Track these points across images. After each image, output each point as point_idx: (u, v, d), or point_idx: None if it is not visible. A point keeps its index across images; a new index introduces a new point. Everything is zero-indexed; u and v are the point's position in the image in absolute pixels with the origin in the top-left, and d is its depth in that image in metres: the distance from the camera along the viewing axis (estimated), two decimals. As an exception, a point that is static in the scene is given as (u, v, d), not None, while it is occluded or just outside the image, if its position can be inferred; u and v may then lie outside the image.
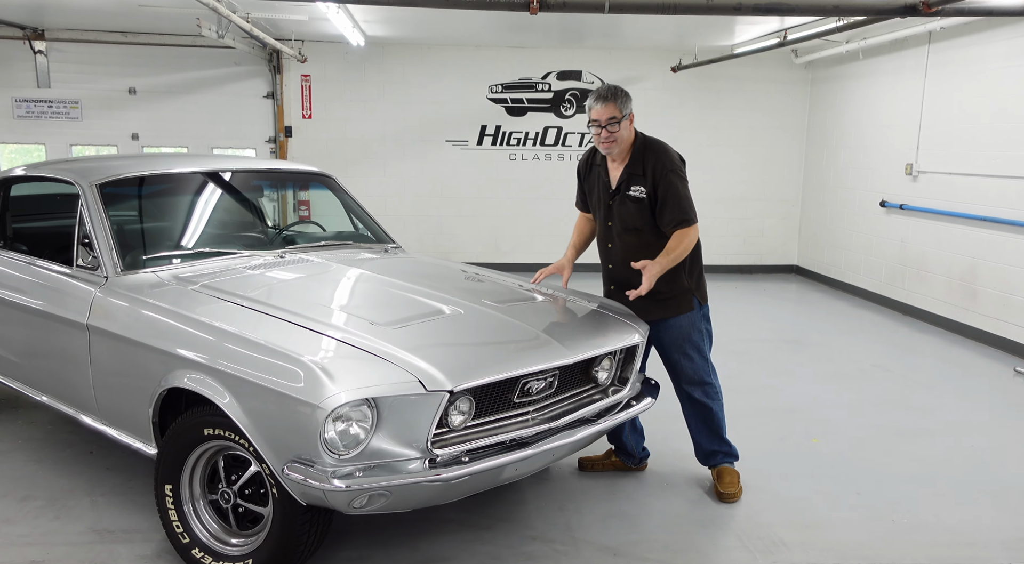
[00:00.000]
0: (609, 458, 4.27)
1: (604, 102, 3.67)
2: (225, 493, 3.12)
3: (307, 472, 2.71)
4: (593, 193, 3.99)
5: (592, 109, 3.70)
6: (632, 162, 3.78)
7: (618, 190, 3.81)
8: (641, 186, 3.74)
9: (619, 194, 3.81)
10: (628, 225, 3.82)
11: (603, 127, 3.68)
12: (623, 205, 3.81)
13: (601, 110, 3.67)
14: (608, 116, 3.67)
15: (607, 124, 3.67)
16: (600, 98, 3.68)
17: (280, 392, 2.75)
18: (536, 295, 3.92)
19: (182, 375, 3.06)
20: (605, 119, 3.67)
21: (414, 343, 3.04)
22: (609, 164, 3.87)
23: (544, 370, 3.16)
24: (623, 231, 3.84)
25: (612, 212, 3.87)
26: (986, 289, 7.15)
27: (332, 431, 2.71)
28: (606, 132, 3.69)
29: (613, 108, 3.66)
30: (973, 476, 4.33)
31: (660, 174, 3.71)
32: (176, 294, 3.43)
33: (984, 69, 7.16)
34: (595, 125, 3.71)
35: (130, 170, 4.07)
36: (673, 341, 3.92)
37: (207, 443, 3.08)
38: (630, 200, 3.78)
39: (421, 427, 2.83)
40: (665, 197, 3.71)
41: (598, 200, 3.94)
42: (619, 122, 3.67)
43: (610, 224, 3.90)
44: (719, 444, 4.07)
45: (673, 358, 3.95)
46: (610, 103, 3.66)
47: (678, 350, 3.92)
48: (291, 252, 4.14)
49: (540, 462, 3.32)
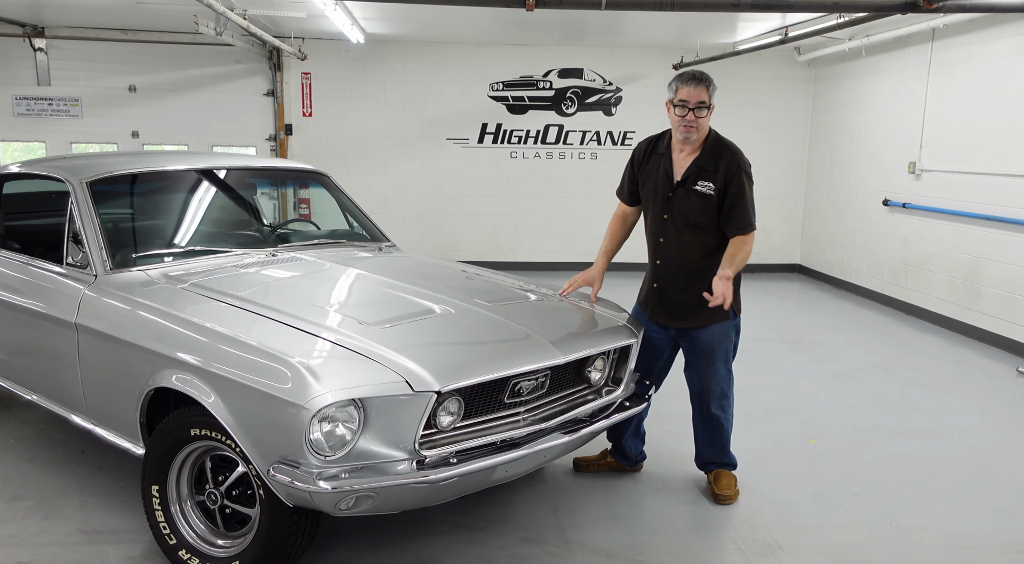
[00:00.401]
0: (605, 458, 4.22)
1: (697, 84, 3.49)
2: (212, 494, 3.09)
3: (293, 473, 2.68)
4: (649, 183, 3.76)
5: (680, 89, 3.51)
6: (704, 156, 3.61)
7: (683, 183, 3.62)
8: (710, 182, 3.58)
9: (683, 187, 3.63)
10: (689, 221, 3.64)
11: (691, 109, 3.49)
12: (687, 199, 3.62)
13: (692, 92, 3.48)
14: (698, 99, 3.48)
15: (696, 107, 3.49)
16: (693, 79, 3.50)
17: (265, 392, 2.72)
18: (529, 294, 3.88)
19: (168, 375, 3.02)
20: (695, 102, 3.48)
21: (403, 343, 3.01)
22: (676, 154, 3.67)
23: (534, 370, 3.12)
24: (683, 226, 3.65)
25: (671, 205, 3.66)
26: (989, 288, 7.09)
27: (318, 432, 2.68)
28: (692, 115, 3.50)
29: (704, 92, 3.49)
30: (973, 478, 4.28)
31: (733, 172, 3.57)
32: (165, 293, 3.40)
33: (988, 66, 7.10)
34: (682, 106, 3.50)
35: (121, 168, 4.04)
36: (703, 350, 3.79)
37: (194, 444, 3.04)
38: (696, 195, 3.60)
39: (408, 428, 2.79)
40: (735, 198, 3.57)
41: (654, 190, 3.73)
42: (707, 108, 3.52)
43: (666, 217, 3.68)
44: (721, 455, 4.01)
45: (699, 367, 3.83)
46: (702, 87, 3.49)
47: (706, 359, 3.80)
48: (283, 250, 4.11)
49: (531, 463, 3.29)
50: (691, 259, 3.68)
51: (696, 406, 3.96)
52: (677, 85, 3.54)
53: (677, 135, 3.63)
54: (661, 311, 3.81)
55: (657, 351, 3.90)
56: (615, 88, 10.37)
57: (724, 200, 3.57)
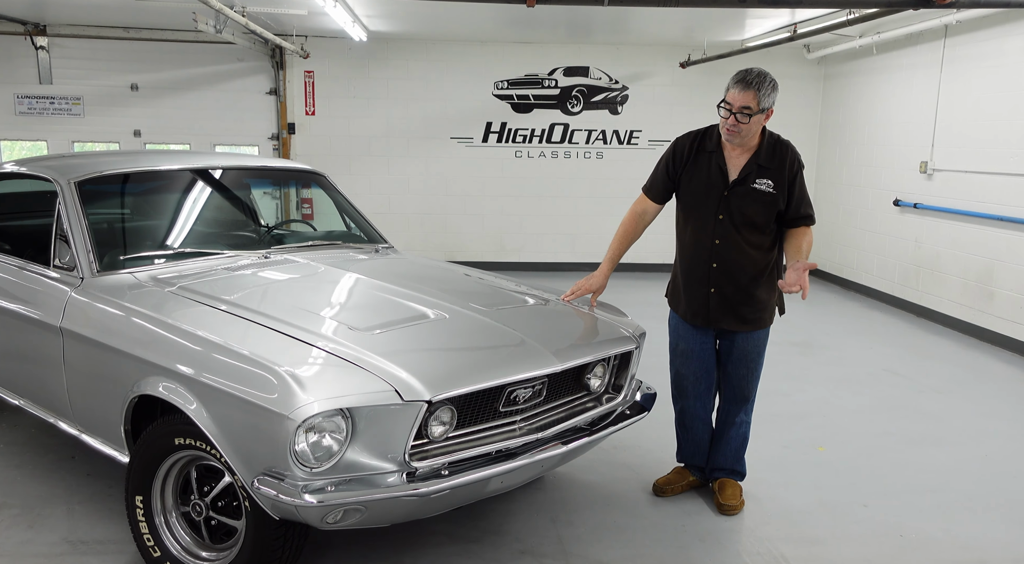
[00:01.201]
0: (687, 479, 3.99)
1: (744, 88, 3.32)
2: (197, 505, 2.99)
3: (278, 486, 2.57)
4: (697, 181, 3.57)
5: (730, 90, 3.37)
6: (762, 154, 3.48)
7: (742, 181, 3.48)
8: (770, 179, 3.46)
9: (742, 186, 3.48)
10: (747, 220, 3.49)
11: (733, 113, 3.36)
12: (747, 198, 3.48)
13: (737, 95, 3.33)
14: (742, 104, 3.33)
15: (738, 111, 3.34)
16: (741, 82, 3.33)
17: (249, 401, 2.62)
18: (528, 298, 3.77)
19: (152, 382, 2.93)
20: (738, 106, 3.34)
21: (393, 349, 2.90)
22: (729, 151, 3.52)
23: (530, 378, 3.01)
24: (741, 226, 3.50)
25: (728, 204, 3.50)
26: (1003, 291, 6.94)
27: (303, 443, 2.57)
28: (734, 119, 3.35)
29: (751, 97, 3.31)
30: (986, 488, 4.15)
31: (796, 169, 3.51)
32: (151, 296, 3.30)
33: (1002, 64, 6.95)
34: (724, 108, 3.38)
35: (111, 167, 3.95)
36: (744, 355, 3.69)
37: (179, 453, 2.95)
38: (757, 193, 3.47)
39: (398, 439, 2.69)
40: (801, 194, 3.53)
41: (705, 190, 3.54)
42: (751, 115, 3.33)
43: (722, 217, 3.51)
44: (734, 462, 3.90)
45: (739, 372, 3.73)
46: (750, 91, 3.30)
47: (745, 364, 3.71)
48: (277, 252, 4.01)
49: (528, 474, 3.18)
50: (749, 258, 3.56)
51: (724, 411, 3.85)
52: (729, 85, 3.39)
53: (722, 135, 3.49)
54: (723, 316, 3.62)
55: (710, 360, 3.78)
56: (621, 86, 10.25)
57: (791, 197, 3.50)
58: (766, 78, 3.35)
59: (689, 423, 3.90)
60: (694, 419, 3.87)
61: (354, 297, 3.51)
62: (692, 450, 3.95)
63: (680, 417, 3.94)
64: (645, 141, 10.33)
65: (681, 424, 3.94)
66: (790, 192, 3.51)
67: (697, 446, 3.93)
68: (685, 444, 3.96)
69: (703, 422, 3.88)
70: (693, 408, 3.85)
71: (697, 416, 3.86)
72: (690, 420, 3.88)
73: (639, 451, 4.47)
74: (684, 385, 3.83)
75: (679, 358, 3.82)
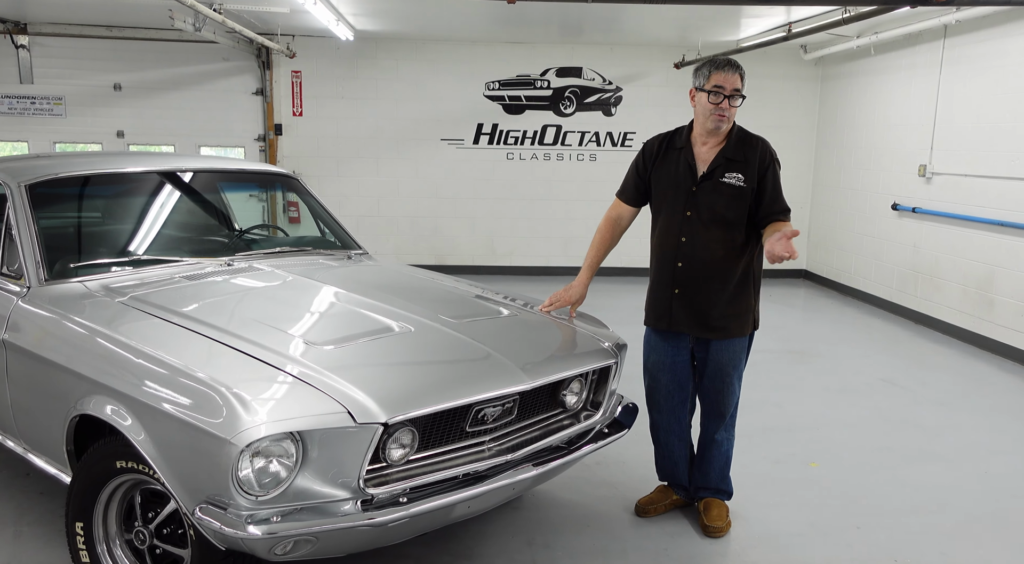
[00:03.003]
0: (670, 497, 3.81)
1: (733, 70, 3.30)
2: (141, 533, 2.80)
3: (220, 516, 2.38)
4: (666, 179, 3.49)
5: (715, 74, 3.30)
6: (731, 147, 3.39)
7: (710, 175, 3.38)
8: (740, 173, 3.36)
9: (710, 179, 3.38)
10: (716, 215, 3.37)
11: (727, 97, 3.29)
12: (715, 193, 3.37)
13: (728, 78, 3.30)
14: (734, 86, 3.30)
15: (731, 94, 3.30)
16: (729, 65, 3.31)
17: (190, 423, 2.43)
18: (502, 309, 3.57)
19: (93, 400, 2.73)
20: (731, 88, 3.29)
21: (351, 367, 2.72)
22: (698, 147, 3.43)
23: (498, 397, 2.82)
24: (710, 222, 3.38)
25: (696, 200, 3.40)
26: (1003, 298, 6.75)
27: (248, 469, 2.38)
28: (728, 102, 3.30)
29: (739, 80, 3.30)
30: (987, 508, 3.95)
31: (768, 162, 3.38)
32: (98, 307, 3.11)
33: (1003, 64, 6.75)
34: (717, 92, 3.29)
35: (65, 170, 3.75)
36: (719, 367, 3.51)
37: (121, 477, 2.76)
38: (725, 187, 3.36)
39: (352, 464, 2.50)
40: (774, 188, 3.38)
41: (674, 186, 3.46)
42: (742, 97, 3.32)
43: (690, 214, 3.40)
44: (718, 481, 3.70)
45: (715, 383, 3.55)
46: (738, 74, 3.30)
47: (721, 377, 3.53)
48: (241, 260, 3.81)
49: (498, 497, 2.99)
50: (717, 258, 3.39)
51: (703, 427, 3.68)
52: (710, 70, 3.32)
53: (707, 124, 3.36)
54: (687, 319, 3.46)
55: (683, 372, 3.59)
56: (615, 87, 10.06)
57: (762, 191, 3.36)
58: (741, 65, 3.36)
59: (663, 438, 3.72)
60: (668, 434, 3.70)
61: (316, 308, 3.31)
62: (670, 467, 3.78)
63: (654, 431, 3.76)
64: (639, 143, 10.04)
65: (656, 439, 3.77)
66: (761, 187, 3.36)
67: (674, 463, 3.75)
68: (661, 460, 3.80)
69: (678, 437, 3.70)
70: (666, 422, 3.67)
71: (671, 431, 3.68)
72: (664, 435, 3.71)
73: (622, 468, 4.27)
74: (656, 398, 3.65)
75: (650, 370, 3.64)
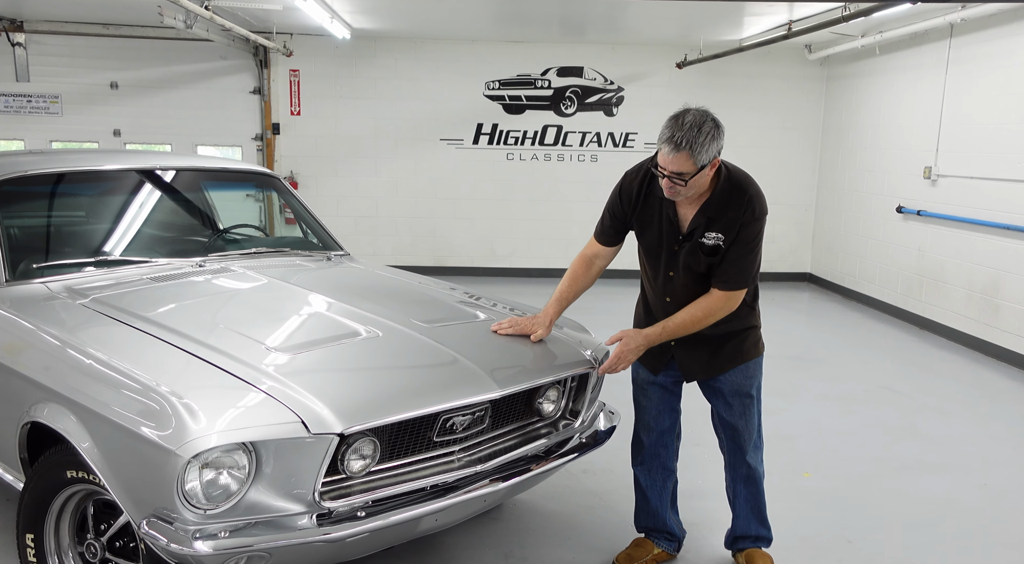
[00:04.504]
0: (652, 552, 3.37)
1: (674, 150, 2.73)
2: (92, 545, 2.69)
3: (166, 531, 2.27)
4: (650, 232, 3.05)
5: (659, 151, 2.80)
6: (713, 204, 2.90)
7: (690, 235, 2.95)
8: (720, 232, 2.90)
9: (690, 240, 2.95)
10: (698, 275, 2.99)
11: (666, 176, 2.82)
12: (693, 254, 2.96)
13: (668, 159, 2.76)
14: (674, 169, 2.77)
15: (670, 175, 2.80)
16: (672, 144, 2.73)
17: (135, 432, 2.32)
18: (479, 313, 3.44)
19: (45, 408, 2.62)
20: (670, 171, 2.78)
21: (310, 373, 2.60)
22: (680, 201, 2.97)
23: (466, 406, 2.70)
24: (690, 282, 3.01)
25: (677, 260, 2.99)
26: (1009, 303, 6.58)
27: (194, 481, 2.27)
28: (668, 182, 2.83)
29: (685, 161, 2.73)
30: (984, 521, 3.81)
31: (747, 220, 2.90)
32: (57, 309, 3.01)
33: (1010, 64, 6.58)
34: (660, 173, 2.84)
35: (33, 167, 3.65)
36: (734, 395, 3.13)
37: (72, 487, 2.65)
38: (704, 247, 2.93)
39: (307, 476, 2.38)
40: (741, 252, 2.92)
41: (658, 242, 3.03)
42: (688, 178, 2.78)
43: (672, 274, 3.02)
44: (758, 526, 3.30)
45: (735, 411, 3.15)
46: (683, 153, 2.72)
47: (741, 401, 3.14)
48: (214, 261, 3.70)
49: (467, 510, 2.87)
50: (720, 333, 3.07)
51: (731, 462, 3.27)
52: (659, 142, 2.81)
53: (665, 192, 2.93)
54: (690, 365, 3.13)
55: (675, 390, 3.27)
56: (616, 87, 9.92)
57: (727, 249, 2.92)
58: (701, 130, 2.72)
59: (648, 462, 3.32)
60: (653, 460, 3.31)
61: (283, 312, 3.19)
62: (654, 506, 3.35)
63: (637, 456, 3.35)
64: (641, 144, 10.00)
65: (640, 466, 3.35)
66: (732, 243, 2.92)
67: (659, 499, 3.34)
68: (643, 501, 3.37)
69: (663, 466, 3.32)
70: (653, 447, 3.29)
71: (656, 456, 3.30)
72: (649, 459, 3.31)
73: (609, 477, 4.15)
74: (645, 419, 3.29)
75: (639, 388, 3.28)
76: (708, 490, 3.97)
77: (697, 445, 4.27)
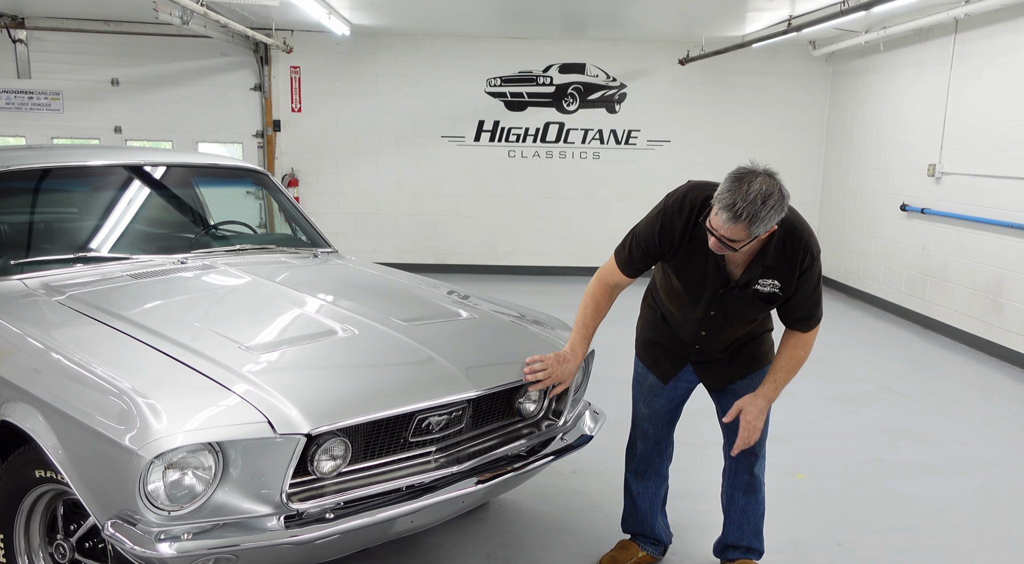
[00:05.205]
0: (636, 555, 3.32)
1: (734, 222, 2.53)
2: (61, 546, 2.65)
3: (130, 532, 2.23)
4: (691, 271, 2.89)
5: (717, 215, 2.58)
6: (769, 254, 2.76)
7: (743, 285, 2.83)
8: (776, 280, 2.79)
9: (743, 289, 2.83)
10: (744, 317, 2.93)
11: (719, 240, 2.63)
12: (744, 298, 2.85)
13: (725, 227, 2.56)
14: (727, 236, 2.59)
15: (721, 238, 2.62)
16: (731, 212, 2.52)
17: (99, 432, 2.28)
18: (462, 311, 3.39)
19: (13, 407, 2.59)
20: (721, 234, 2.60)
21: (281, 372, 2.56)
22: None
23: (440, 405, 2.65)
24: (735, 320, 2.93)
25: (723, 302, 2.88)
26: (1013, 303, 6.48)
27: (157, 482, 2.23)
28: (718, 243, 2.64)
29: (741, 231, 2.56)
30: (979, 525, 3.74)
31: (807, 265, 2.78)
32: (31, 306, 2.97)
33: (1015, 60, 6.48)
34: (710, 231, 2.65)
35: (14, 163, 3.62)
36: (751, 391, 3.02)
37: (41, 487, 2.61)
38: (759, 296, 2.82)
39: (274, 477, 2.34)
40: (808, 293, 2.82)
41: (700, 282, 2.88)
42: (740, 246, 2.63)
43: (714, 313, 2.92)
44: (752, 537, 3.21)
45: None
46: (740, 225, 2.53)
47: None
48: (197, 258, 3.66)
49: (444, 512, 2.83)
50: (740, 336, 3.02)
51: (733, 468, 3.18)
52: (716, 195, 2.59)
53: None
54: (711, 376, 3.11)
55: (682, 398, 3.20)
56: (619, 84, 9.85)
57: (793, 295, 2.82)
58: (765, 204, 2.50)
59: (642, 469, 3.26)
60: (647, 467, 3.25)
61: (260, 310, 3.15)
62: (643, 511, 3.30)
63: (630, 458, 3.31)
64: (644, 141, 9.93)
65: (631, 472, 3.30)
66: (796, 289, 2.82)
67: (649, 505, 3.29)
68: (631, 505, 3.32)
69: (657, 473, 3.27)
70: (648, 454, 3.24)
71: (651, 463, 3.24)
72: (643, 467, 3.26)
73: (598, 477, 4.09)
74: (644, 426, 3.22)
75: (644, 394, 3.20)
76: (699, 491, 3.90)
77: (689, 445, 4.20)
